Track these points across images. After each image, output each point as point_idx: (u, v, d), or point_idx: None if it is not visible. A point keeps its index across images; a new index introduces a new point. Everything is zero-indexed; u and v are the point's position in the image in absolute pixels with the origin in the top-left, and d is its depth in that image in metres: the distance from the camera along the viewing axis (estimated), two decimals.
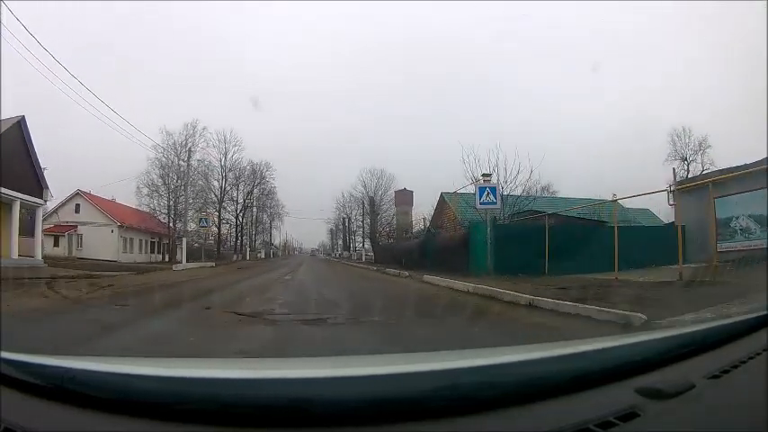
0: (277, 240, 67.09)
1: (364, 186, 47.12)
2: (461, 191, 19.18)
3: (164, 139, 33.88)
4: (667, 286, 7.73)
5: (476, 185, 14.43)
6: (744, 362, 1.26)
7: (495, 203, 13.47)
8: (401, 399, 0.96)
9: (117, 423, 0.90)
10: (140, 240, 35.50)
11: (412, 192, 45.33)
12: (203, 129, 35.03)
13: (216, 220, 39.54)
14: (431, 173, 63.47)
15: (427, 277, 12.86)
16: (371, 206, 46.62)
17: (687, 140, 31.32)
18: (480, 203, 13.41)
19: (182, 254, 27.58)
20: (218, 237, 41.26)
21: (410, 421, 0.90)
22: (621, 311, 5.03)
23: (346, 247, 57.57)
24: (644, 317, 4.69)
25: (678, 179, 24.62)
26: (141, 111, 51.80)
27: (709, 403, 1.05)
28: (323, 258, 58.20)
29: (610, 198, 12.96)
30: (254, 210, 48.54)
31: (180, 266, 23.34)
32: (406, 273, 15.89)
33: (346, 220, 55.18)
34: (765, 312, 1.58)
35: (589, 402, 1.01)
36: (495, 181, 14.92)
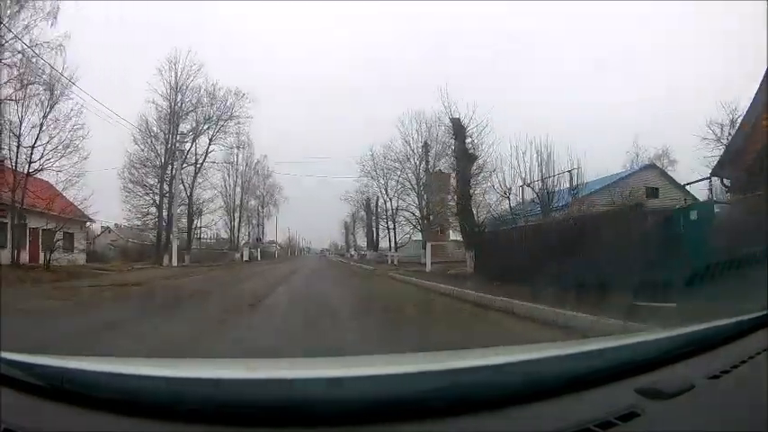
0: (279, 238, 51.57)
1: (407, 142, 26.26)
2: None
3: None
4: None
5: None
6: (744, 362, 1.26)
7: None
8: (401, 399, 0.96)
9: (117, 423, 0.90)
10: None
11: (449, 174, 22.77)
12: None
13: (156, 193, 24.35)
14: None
15: None
16: (460, 138, 15.68)
17: None
18: None
19: None
20: (159, 221, 25.26)
21: (410, 421, 0.90)
22: None
23: (372, 244, 34.99)
24: None
25: None
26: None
27: (710, 403, 1.05)
28: (335, 261, 39.53)
29: None
30: (239, 183, 31.79)
31: None
32: None
33: (381, 193, 30.72)
34: (765, 312, 1.57)
35: (589, 402, 1.01)
36: None
